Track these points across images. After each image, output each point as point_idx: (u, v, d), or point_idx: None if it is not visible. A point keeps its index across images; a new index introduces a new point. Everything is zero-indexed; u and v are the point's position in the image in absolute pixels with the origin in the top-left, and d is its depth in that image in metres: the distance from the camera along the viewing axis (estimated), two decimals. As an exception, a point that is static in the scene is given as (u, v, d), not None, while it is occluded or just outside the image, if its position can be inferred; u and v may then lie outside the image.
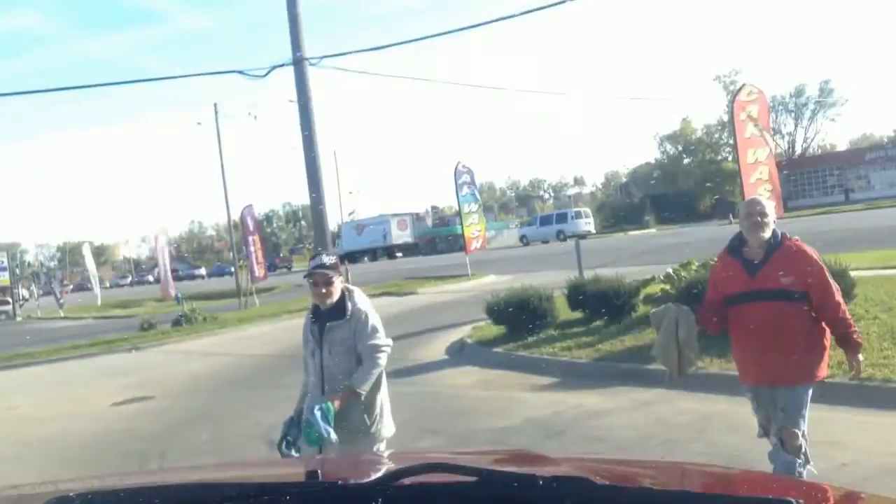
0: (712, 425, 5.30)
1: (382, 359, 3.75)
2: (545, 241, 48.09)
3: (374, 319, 3.79)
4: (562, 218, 51.64)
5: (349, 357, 3.74)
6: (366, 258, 54.15)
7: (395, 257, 55.51)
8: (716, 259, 4.24)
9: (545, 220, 53.11)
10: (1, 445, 7.84)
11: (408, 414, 6.97)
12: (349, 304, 3.76)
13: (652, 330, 8.61)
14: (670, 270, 9.39)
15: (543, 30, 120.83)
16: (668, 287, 8.97)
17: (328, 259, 3.83)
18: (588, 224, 49.47)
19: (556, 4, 17.97)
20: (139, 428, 7.81)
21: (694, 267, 9.12)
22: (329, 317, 3.78)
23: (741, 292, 3.66)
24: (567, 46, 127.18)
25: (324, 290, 3.74)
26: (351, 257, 43.33)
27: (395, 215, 61.02)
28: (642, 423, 5.63)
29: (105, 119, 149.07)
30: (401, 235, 58.77)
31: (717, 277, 3.94)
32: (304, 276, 3.95)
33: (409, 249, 58.45)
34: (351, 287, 3.90)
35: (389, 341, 3.81)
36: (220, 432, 7.16)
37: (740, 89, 14.72)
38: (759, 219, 3.68)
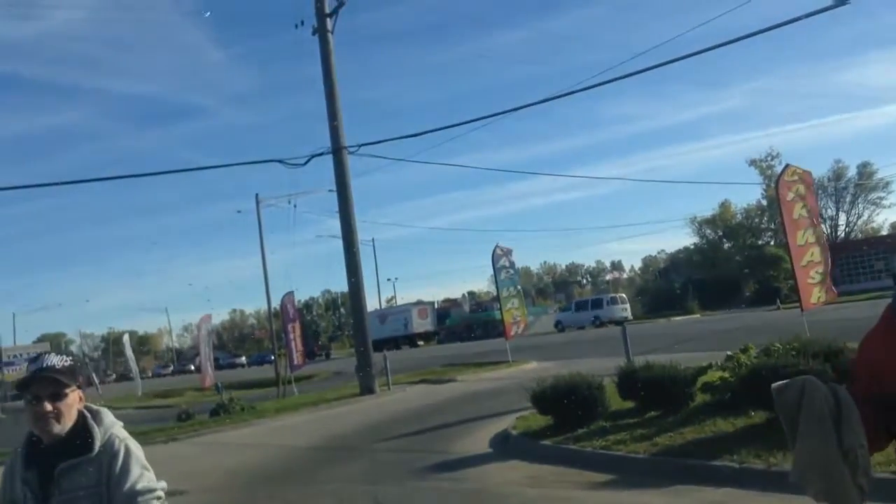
0: (794, 531, 4.75)
1: None
2: (581, 327, 47.57)
3: (139, 451, 2.50)
4: (597, 304, 51.27)
5: None
6: (388, 347, 54.56)
7: (417, 345, 55.76)
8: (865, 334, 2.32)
9: (581, 306, 52.70)
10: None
11: (453, 514, 6.53)
12: (97, 432, 2.41)
13: (715, 422, 8.03)
14: (729, 354, 8.87)
15: (574, 114, 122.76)
16: (727, 374, 8.44)
17: (58, 360, 2.42)
18: (624, 310, 48.92)
19: (588, 88, 18.08)
20: (170, 526, 7.41)
21: (753, 352, 8.61)
22: (60, 454, 2.37)
23: None
24: (596, 128, 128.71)
25: (49, 409, 2.33)
26: (375, 346, 43.36)
27: (415, 304, 62.43)
28: (715, 528, 5.10)
29: (149, 211, 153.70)
30: (422, 324, 59.88)
31: (879, 358, 2.08)
32: (17, 388, 2.51)
33: (429, 337, 59.10)
34: (94, 407, 2.53)
35: (163, 484, 2.48)
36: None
37: (784, 169, 14.41)
38: None
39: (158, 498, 2.43)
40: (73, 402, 2.40)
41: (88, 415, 2.44)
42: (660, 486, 6.40)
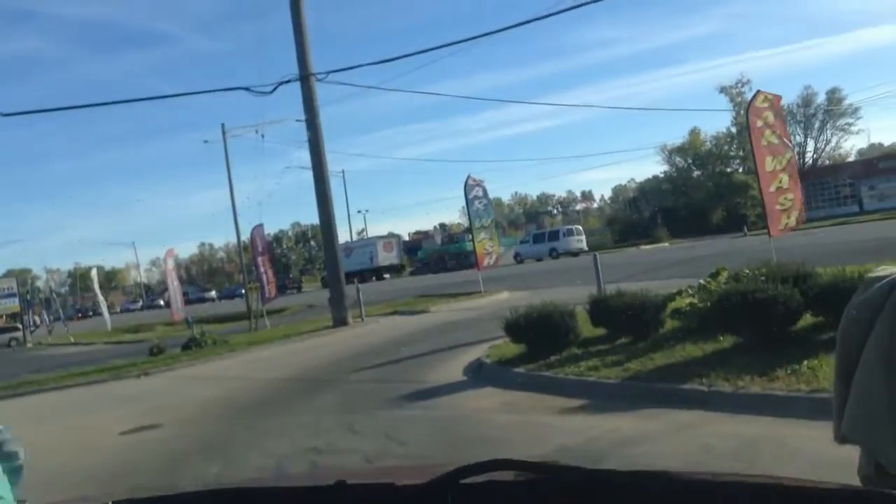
0: (763, 451, 4.89)
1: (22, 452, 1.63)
2: (539, 259, 48.30)
3: None
4: (554, 236, 52.30)
5: None
6: (353, 281, 54.83)
7: (383, 278, 56.10)
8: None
9: (538, 238, 53.56)
10: (1, 480, 7.49)
11: (429, 442, 6.59)
12: None
13: (684, 347, 8.16)
14: (702, 281, 8.97)
15: (545, 41, 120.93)
16: (696, 300, 8.55)
17: None
18: (580, 242, 49.88)
19: (557, 13, 17.70)
20: (146, 459, 7.43)
21: (724, 278, 8.71)
22: None
23: None
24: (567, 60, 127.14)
25: None
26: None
27: (380, 238, 62.74)
28: (686, 449, 5.21)
29: (113, 142, 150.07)
30: (387, 257, 60.34)
31: None
32: None
33: (395, 271, 59.61)
34: None
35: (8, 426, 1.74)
36: (231, 463, 6.77)
37: (755, 96, 14.33)
38: None
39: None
40: None
41: None
42: (632, 410, 6.51)
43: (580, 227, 54.19)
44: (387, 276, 58.11)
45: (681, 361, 7.58)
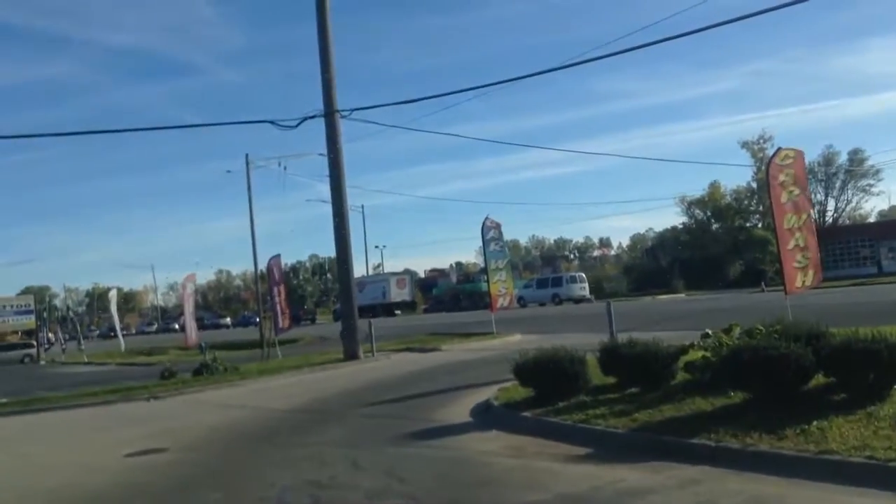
0: (767, 510, 4.82)
1: None
2: (542, 304, 48.14)
3: None
4: (557, 282, 52.27)
5: None
6: (364, 315, 55.10)
7: (394, 314, 56.08)
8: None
9: (542, 283, 53.57)
10: (4, 495, 7.54)
11: (430, 482, 6.55)
12: None
13: (694, 401, 8.07)
14: (709, 331, 8.91)
15: (570, 88, 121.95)
16: (708, 354, 8.49)
17: None
18: (583, 289, 49.81)
19: (583, 62, 17.89)
20: (149, 483, 7.45)
21: (737, 333, 8.65)
22: None
23: None
24: (589, 105, 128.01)
25: None
26: None
27: (394, 274, 62.86)
28: (689, 504, 5.16)
29: (138, 167, 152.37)
30: (400, 294, 60.44)
31: None
32: None
33: (407, 307, 59.60)
34: None
35: None
36: (233, 492, 6.78)
37: (776, 153, 14.33)
38: None
39: None
40: None
41: None
42: (636, 462, 6.45)
43: (583, 275, 54.09)
44: (398, 312, 58.12)
45: (690, 415, 7.52)
